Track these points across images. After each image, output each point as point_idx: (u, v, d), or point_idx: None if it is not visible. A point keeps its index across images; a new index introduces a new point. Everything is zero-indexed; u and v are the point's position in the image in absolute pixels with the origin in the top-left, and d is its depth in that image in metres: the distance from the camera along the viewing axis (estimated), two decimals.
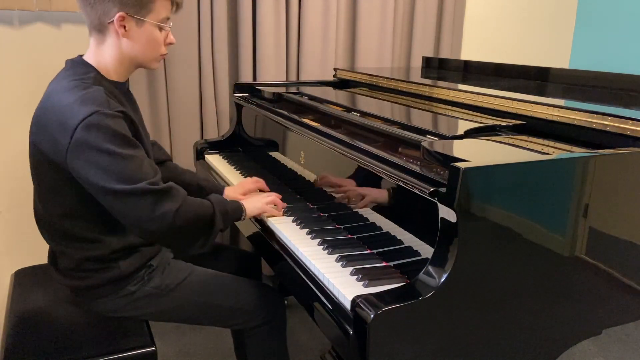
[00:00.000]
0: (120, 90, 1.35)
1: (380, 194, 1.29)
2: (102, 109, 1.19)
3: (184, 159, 2.33)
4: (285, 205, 1.53)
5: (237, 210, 1.41)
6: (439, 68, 2.43)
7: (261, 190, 1.69)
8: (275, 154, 1.88)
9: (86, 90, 1.22)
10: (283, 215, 1.49)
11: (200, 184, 1.67)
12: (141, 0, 1.27)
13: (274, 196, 1.52)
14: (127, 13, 1.26)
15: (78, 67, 1.31)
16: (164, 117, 2.30)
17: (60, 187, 1.28)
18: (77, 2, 1.30)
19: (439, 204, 1.01)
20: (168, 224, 1.21)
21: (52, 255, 1.44)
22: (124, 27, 1.28)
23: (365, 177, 1.34)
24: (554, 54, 3.10)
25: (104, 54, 1.32)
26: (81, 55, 1.35)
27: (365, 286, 1.09)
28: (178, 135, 2.32)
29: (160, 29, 1.33)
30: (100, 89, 1.24)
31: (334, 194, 1.48)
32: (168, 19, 1.35)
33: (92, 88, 1.23)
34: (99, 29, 1.29)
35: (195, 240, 1.30)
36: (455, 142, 1.19)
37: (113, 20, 1.26)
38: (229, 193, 1.66)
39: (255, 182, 1.70)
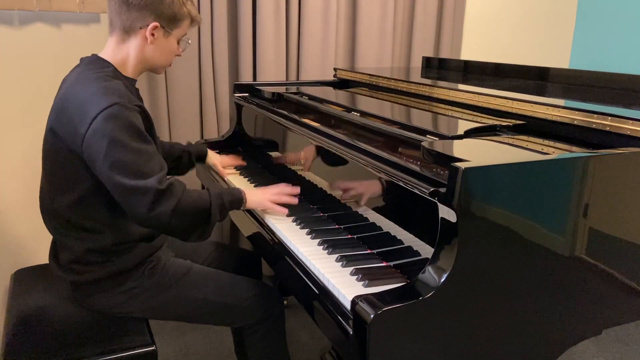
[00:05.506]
0: (132, 86, 1.42)
1: (380, 194, 1.29)
2: (123, 101, 1.24)
3: None
4: (295, 201, 1.52)
5: (235, 202, 1.43)
6: (439, 68, 2.43)
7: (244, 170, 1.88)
8: (275, 154, 1.88)
9: (108, 83, 1.29)
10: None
11: (185, 150, 1.83)
12: (174, 17, 1.39)
13: (279, 193, 1.51)
14: (161, 24, 1.37)
15: (97, 62, 1.38)
16: (164, 117, 2.30)
17: (74, 175, 1.31)
18: (110, 1, 1.36)
19: (438, 203, 1.01)
20: (164, 223, 1.25)
21: (53, 249, 1.46)
22: (153, 35, 1.37)
23: (365, 177, 1.34)
24: (554, 54, 3.10)
25: (123, 53, 1.39)
26: (94, 54, 1.40)
27: (365, 286, 1.09)
28: (178, 135, 2.32)
29: (178, 42, 1.45)
30: (120, 82, 1.31)
31: (334, 194, 1.48)
32: (185, 34, 1.46)
33: (113, 81, 1.30)
34: (127, 30, 1.37)
35: (192, 232, 1.34)
36: (455, 142, 1.19)
37: (145, 27, 1.36)
38: (212, 156, 1.89)
39: (233, 159, 1.94)
